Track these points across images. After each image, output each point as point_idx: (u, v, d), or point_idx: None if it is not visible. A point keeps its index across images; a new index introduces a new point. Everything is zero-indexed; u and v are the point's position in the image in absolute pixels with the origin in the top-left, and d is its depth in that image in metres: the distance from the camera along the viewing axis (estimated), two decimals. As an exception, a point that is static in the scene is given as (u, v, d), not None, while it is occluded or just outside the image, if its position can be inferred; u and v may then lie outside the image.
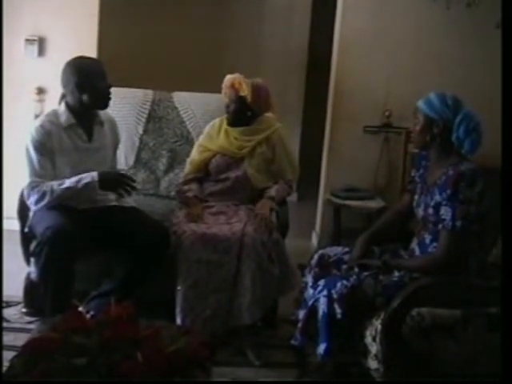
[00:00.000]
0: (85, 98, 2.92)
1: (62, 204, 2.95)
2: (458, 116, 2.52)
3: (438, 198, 2.52)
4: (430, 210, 2.56)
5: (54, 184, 2.87)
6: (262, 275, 2.97)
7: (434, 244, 2.57)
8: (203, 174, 3.42)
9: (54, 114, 3.00)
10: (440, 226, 2.51)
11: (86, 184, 2.86)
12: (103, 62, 3.08)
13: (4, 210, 3.37)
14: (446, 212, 2.48)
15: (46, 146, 2.91)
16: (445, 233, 2.49)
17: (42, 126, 2.92)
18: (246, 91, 3.26)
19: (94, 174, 2.87)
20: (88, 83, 2.90)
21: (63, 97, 3.03)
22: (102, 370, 1.82)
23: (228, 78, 3.35)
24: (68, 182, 2.87)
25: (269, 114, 3.47)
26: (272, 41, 5.68)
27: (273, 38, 5.68)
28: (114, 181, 2.92)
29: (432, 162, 2.66)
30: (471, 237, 2.51)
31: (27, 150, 2.90)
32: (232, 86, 3.31)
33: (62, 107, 3.00)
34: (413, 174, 2.83)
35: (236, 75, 3.33)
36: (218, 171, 3.38)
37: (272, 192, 3.31)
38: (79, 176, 2.88)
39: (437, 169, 2.60)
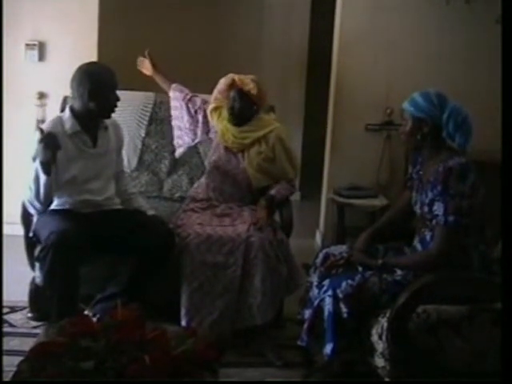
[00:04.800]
0: (92, 105, 2.91)
1: (66, 208, 2.96)
2: (445, 112, 2.53)
3: (430, 194, 2.52)
4: (426, 208, 2.56)
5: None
6: (271, 275, 2.98)
7: (435, 240, 2.57)
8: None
9: (59, 121, 2.99)
10: (434, 221, 2.51)
11: None
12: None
13: (8, 215, 3.37)
14: (438, 208, 2.48)
15: None
16: (438, 228, 2.50)
17: (40, 129, 2.88)
18: (250, 85, 3.26)
19: None
20: (100, 92, 2.89)
21: (65, 101, 3.03)
22: (110, 373, 1.82)
23: (223, 80, 3.36)
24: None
25: (269, 115, 3.48)
26: (272, 40, 5.69)
27: (273, 37, 5.69)
28: None
29: (425, 160, 2.66)
30: (469, 230, 2.51)
31: (33, 159, 2.88)
32: (233, 84, 3.31)
33: (67, 113, 2.99)
34: (410, 171, 2.84)
35: (231, 75, 3.33)
36: (219, 161, 3.39)
37: (272, 191, 3.31)
38: None
39: (430, 166, 2.60)
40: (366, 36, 4.26)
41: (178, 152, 3.68)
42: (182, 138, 3.62)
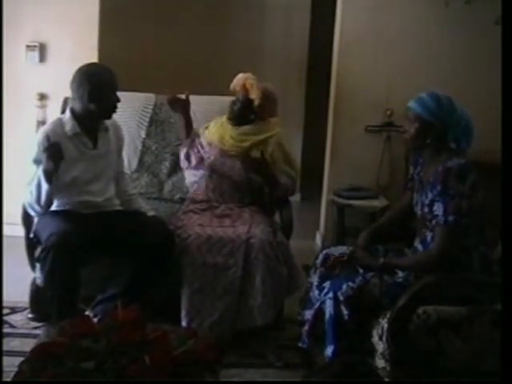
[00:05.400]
0: (92, 106, 2.90)
1: (66, 209, 2.96)
2: (453, 115, 2.53)
3: (430, 195, 2.53)
4: (426, 208, 2.56)
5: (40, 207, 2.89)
6: (271, 276, 2.98)
7: (436, 241, 2.57)
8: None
9: (59, 122, 2.99)
10: (434, 222, 2.52)
11: None
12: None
13: (8, 215, 3.37)
14: (438, 208, 2.49)
15: None
16: (438, 228, 2.50)
17: (46, 136, 2.84)
18: (255, 95, 3.26)
19: None
20: (100, 93, 2.88)
21: (65, 102, 3.03)
22: (110, 373, 1.82)
23: (241, 76, 3.35)
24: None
25: (273, 119, 3.47)
26: (272, 41, 5.69)
27: (273, 38, 5.69)
28: None
29: (426, 161, 2.66)
30: (469, 230, 2.52)
31: (34, 161, 2.88)
32: (243, 86, 3.32)
33: (67, 115, 2.99)
34: (411, 172, 2.84)
35: (249, 75, 3.33)
36: (215, 164, 3.39)
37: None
38: None
39: (430, 167, 2.60)
40: (366, 36, 4.26)
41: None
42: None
